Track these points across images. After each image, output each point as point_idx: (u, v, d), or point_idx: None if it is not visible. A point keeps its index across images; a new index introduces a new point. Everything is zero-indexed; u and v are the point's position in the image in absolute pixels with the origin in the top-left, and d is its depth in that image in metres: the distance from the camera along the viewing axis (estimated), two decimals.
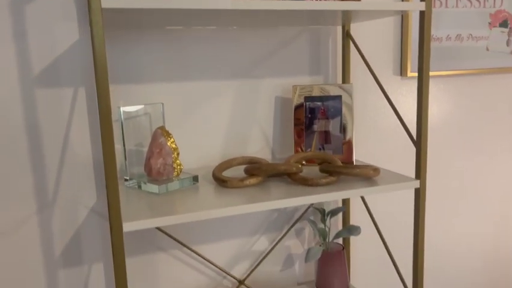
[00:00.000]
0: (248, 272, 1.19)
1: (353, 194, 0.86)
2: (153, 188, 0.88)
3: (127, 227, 0.72)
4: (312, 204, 1.21)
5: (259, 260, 1.19)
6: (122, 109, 0.94)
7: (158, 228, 1.08)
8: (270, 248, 1.20)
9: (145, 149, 1.00)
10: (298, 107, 1.08)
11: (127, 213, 0.76)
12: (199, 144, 1.10)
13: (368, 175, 0.89)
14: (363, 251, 1.31)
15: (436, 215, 1.40)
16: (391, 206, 1.33)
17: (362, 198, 1.14)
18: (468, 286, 1.49)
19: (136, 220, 0.73)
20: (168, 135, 0.90)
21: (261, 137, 1.15)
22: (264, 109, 1.14)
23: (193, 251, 1.12)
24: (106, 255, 1.06)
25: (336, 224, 1.26)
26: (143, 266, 1.10)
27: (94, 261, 1.05)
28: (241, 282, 1.17)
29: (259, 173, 0.90)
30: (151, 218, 0.74)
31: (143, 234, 1.08)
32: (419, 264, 0.94)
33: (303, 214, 1.21)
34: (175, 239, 1.10)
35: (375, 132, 1.27)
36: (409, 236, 1.35)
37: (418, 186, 0.91)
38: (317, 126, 1.07)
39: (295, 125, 1.08)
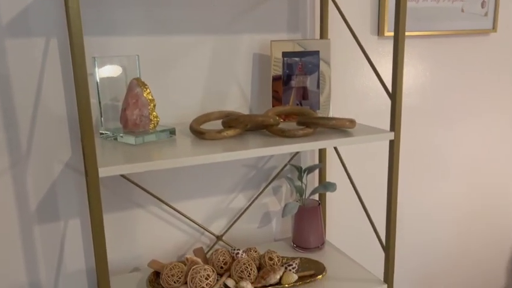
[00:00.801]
0: (226, 229, 1.20)
1: (329, 144, 0.88)
2: (129, 139, 0.88)
3: (103, 172, 0.71)
4: (289, 161, 1.23)
5: (236, 217, 1.21)
6: (96, 61, 0.92)
7: (136, 184, 1.08)
8: (247, 205, 1.21)
9: (121, 104, 0.99)
10: (276, 63, 1.08)
11: (103, 160, 0.75)
12: (175, 101, 1.09)
13: (344, 126, 0.90)
14: (338, 207, 1.34)
15: (409, 182, 1.44)
16: (367, 164, 1.35)
17: (338, 155, 1.16)
18: (439, 247, 1.55)
19: (112, 165, 0.72)
20: (144, 85, 0.89)
21: (239, 94, 1.14)
22: (242, 66, 1.13)
23: (171, 207, 1.12)
24: (82, 211, 1.05)
25: (312, 182, 1.28)
26: (121, 222, 1.10)
27: (71, 217, 1.05)
28: (219, 238, 1.19)
29: (237, 124, 0.90)
30: (128, 163, 0.73)
31: (120, 191, 1.08)
32: (392, 217, 0.97)
33: (280, 172, 1.22)
34: (153, 195, 1.10)
35: (352, 90, 1.28)
36: (384, 193, 1.38)
37: (392, 138, 0.93)
38: (295, 82, 1.08)
39: (273, 80, 1.08)
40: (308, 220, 1.17)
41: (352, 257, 1.38)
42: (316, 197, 1.27)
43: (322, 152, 1.23)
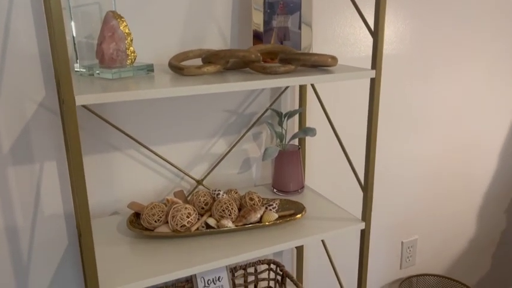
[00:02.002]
0: (206, 173, 1.20)
1: (310, 80, 0.87)
2: (106, 73, 0.85)
3: (80, 100, 0.69)
4: (269, 106, 1.22)
5: (217, 162, 1.20)
6: None
7: (115, 126, 1.05)
8: (228, 150, 1.21)
9: (96, 42, 0.95)
10: (257, 2, 1.05)
11: (80, 91, 0.73)
12: (153, 40, 1.06)
13: (326, 62, 0.89)
14: (318, 152, 1.35)
15: (386, 131, 1.46)
16: (347, 108, 1.36)
17: (318, 98, 1.15)
18: (414, 192, 1.59)
19: (89, 93, 0.70)
20: (120, 18, 0.86)
21: (219, 35, 1.11)
22: (222, 5, 1.10)
23: (151, 150, 1.11)
24: (58, 153, 1.03)
25: (292, 128, 1.28)
26: (98, 165, 1.08)
27: (46, 159, 1.02)
28: (199, 182, 1.19)
29: (217, 60, 0.88)
30: (105, 92, 0.71)
31: (98, 133, 1.05)
32: (371, 155, 0.98)
33: (260, 117, 1.22)
34: (131, 138, 1.08)
35: (333, 35, 1.27)
36: (363, 137, 1.39)
37: (374, 76, 0.93)
38: (276, 22, 1.05)
39: (254, 21, 1.06)
40: (288, 164, 1.18)
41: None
42: (296, 142, 1.28)
43: (302, 97, 1.22)
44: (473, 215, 1.78)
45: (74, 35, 0.91)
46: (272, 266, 1.32)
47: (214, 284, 1.19)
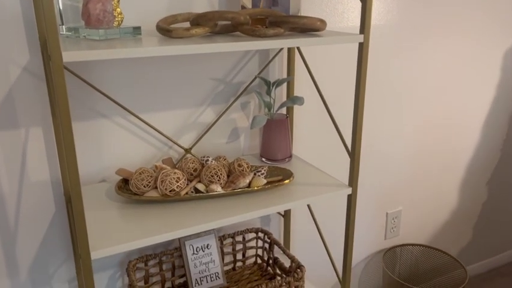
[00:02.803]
0: (194, 142, 1.20)
1: (299, 43, 0.87)
2: (93, 34, 0.83)
3: (67, 57, 0.68)
4: (258, 74, 1.22)
5: (205, 131, 1.20)
6: None
7: (101, 92, 1.04)
8: (216, 119, 1.21)
9: (81, 5, 0.93)
10: None
11: (66, 48, 0.71)
12: (140, 4, 1.04)
13: (315, 25, 0.89)
14: (306, 121, 1.36)
15: (371, 112, 1.47)
16: (335, 76, 1.37)
17: (306, 65, 1.15)
18: (400, 162, 1.62)
19: (76, 51, 0.69)
20: None
21: (207, 2, 1.10)
22: None
23: (138, 118, 1.10)
24: (44, 119, 1.01)
25: (280, 98, 1.28)
26: (85, 133, 1.07)
27: (32, 125, 1.01)
28: (187, 151, 1.18)
29: (206, 22, 0.87)
30: (93, 50, 0.70)
31: (84, 99, 1.04)
32: (359, 121, 0.99)
33: (248, 85, 1.21)
34: (118, 104, 1.07)
35: (322, 4, 1.26)
36: (351, 104, 1.40)
37: (362, 40, 0.93)
38: None
39: None
40: (276, 133, 1.18)
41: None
42: (284, 111, 1.28)
43: (290, 66, 1.22)
44: (456, 187, 1.82)
45: None
46: (260, 234, 1.33)
47: (203, 251, 1.20)
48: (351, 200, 1.05)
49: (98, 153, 1.09)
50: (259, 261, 1.34)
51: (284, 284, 1.08)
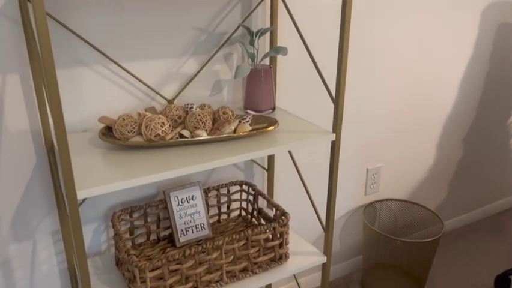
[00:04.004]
0: (177, 93, 1.18)
1: None
2: None
3: None
4: (241, 22, 1.20)
5: (188, 81, 1.19)
6: None
7: (81, 37, 1.01)
8: (199, 70, 1.19)
9: None
10: None
11: None
12: None
13: None
14: (289, 73, 1.35)
15: (353, 72, 1.48)
16: (319, 25, 1.36)
17: (292, 17, 1.14)
18: (380, 117, 1.65)
19: None
20: None
21: None
22: None
23: (120, 66, 1.08)
24: (22, 66, 0.98)
25: (264, 49, 1.28)
26: (64, 82, 1.04)
27: (9, 71, 0.97)
28: (170, 102, 1.17)
29: None
30: None
31: (63, 46, 1.01)
32: (343, 66, 1.00)
33: (231, 35, 1.20)
34: (100, 51, 1.04)
35: None
36: (334, 55, 1.40)
37: None
38: None
39: None
40: (260, 83, 1.18)
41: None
42: (267, 62, 1.28)
43: (273, 15, 1.21)
44: (434, 145, 1.86)
45: None
46: (244, 187, 1.34)
47: (188, 202, 1.21)
48: (334, 147, 1.07)
49: (78, 103, 1.07)
50: (243, 213, 1.36)
51: (269, 230, 1.10)
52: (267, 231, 1.10)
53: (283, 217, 1.12)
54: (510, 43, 1.90)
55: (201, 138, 0.97)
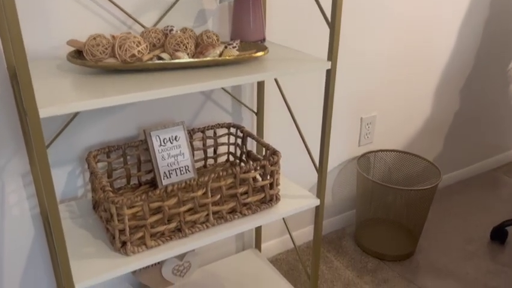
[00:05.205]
0: (157, 21, 1.07)
1: None
2: None
3: None
4: None
5: (168, 9, 1.08)
6: None
7: None
8: None
9: None
10: None
11: None
12: None
13: None
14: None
15: (349, 16, 1.38)
16: None
17: None
18: (373, 72, 1.56)
19: None
20: None
21: None
22: None
23: None
24: None
25: None
26: (29, 6, 0.93)
27: None
28: None
29: None
30: None
31: None
32: (337, 14, 0.90)
33: None
34: None
35: None
36: None
37: None
38: None
39: None
40: (248, 11, 1.07)
41: None
42: None
43: None
44: (430, 95, 1.78)
45: None
46: (232, 129, 1.26)
47: (171, 143, 1.12)
48: (330, 76, 0.98)
49: (45, 30, 0.96)
50: (231, 158, 1.28)
51: (259, 167, 1.02)
52: (257, 169, 1.01)
53: (273, 155, 1.04)
54: None
55: (183, 60, 0.87)
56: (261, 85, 1.25)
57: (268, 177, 1.04)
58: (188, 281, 1.30)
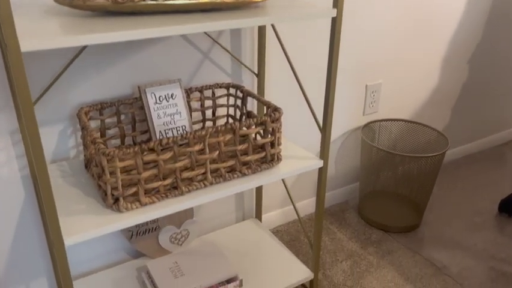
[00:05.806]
0: None
1: None
2: None
3: None
4: None
5: None
6: None
7: None
8: None
9: None
10: None
11: None
12: None
13: None
14: None
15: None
16: None
17: None
18: (378, 38, 1.49)
19: None
20: None
21: None
22: None
23: None
24: None
25: None
26: None
27: None
28: None
29: None
30: None
31: None
32: None
33: None
34: None
35: None
36: None
37: None
38: None
39: None
40: None
41: None
42: None
43: None
44: (437, 64, 1.72)
45: None
46: (231, 90, 1.20)
47: (167, 101, 1.06)
48: (335, 23, 0.92)
49: None
50: (231, 121, 1.22)
51: (260, 124, 0.96)
52: (258, 125, 0.96)
53: (275, 111, 0.98)
54: None
55: (178, 2, 0.81)
56: (261, 45, 1.19)
57: (269, 136, 0.99)
58: (186, 249, 1.25)
